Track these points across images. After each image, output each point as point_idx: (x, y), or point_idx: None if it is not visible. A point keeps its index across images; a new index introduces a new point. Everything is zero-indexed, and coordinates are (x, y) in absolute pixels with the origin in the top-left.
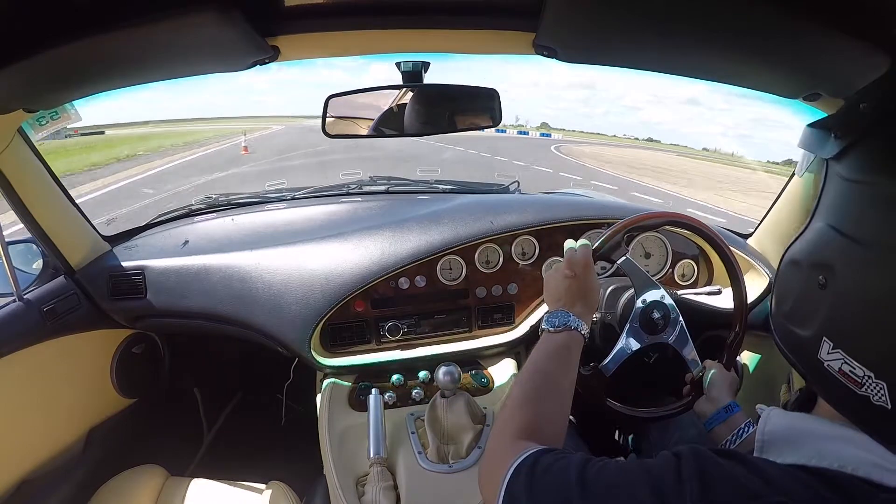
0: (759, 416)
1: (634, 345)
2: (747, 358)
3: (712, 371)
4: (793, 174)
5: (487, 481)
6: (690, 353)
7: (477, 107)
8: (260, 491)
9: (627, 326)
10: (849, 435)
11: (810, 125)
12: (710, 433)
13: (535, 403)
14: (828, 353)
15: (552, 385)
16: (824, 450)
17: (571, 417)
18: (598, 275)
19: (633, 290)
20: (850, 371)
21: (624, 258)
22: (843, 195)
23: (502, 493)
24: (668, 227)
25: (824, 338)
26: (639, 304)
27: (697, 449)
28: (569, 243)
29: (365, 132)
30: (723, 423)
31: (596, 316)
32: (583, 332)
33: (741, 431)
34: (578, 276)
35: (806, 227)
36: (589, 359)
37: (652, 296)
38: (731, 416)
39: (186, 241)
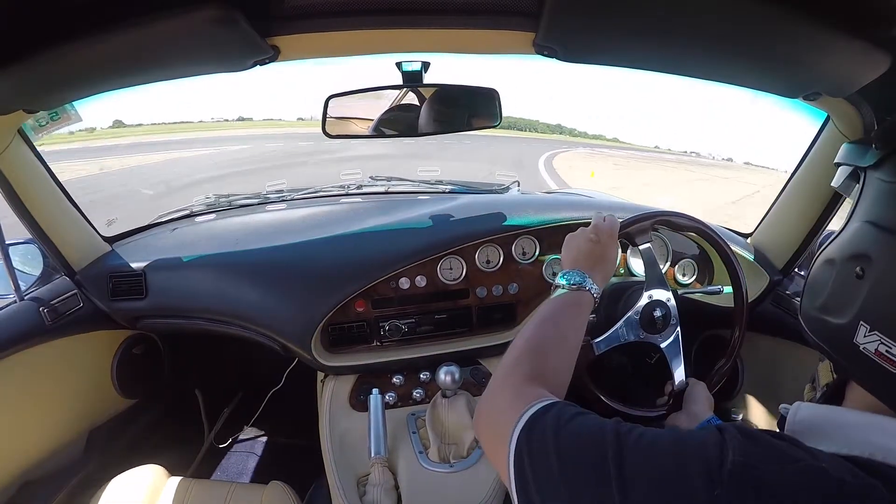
0: (783, 415)
1: (628, 336)
2: (748, 360)
3: (695, 386)
4: (792, 175)
5: (492, 422)
6: (679, 364)
7: (477, 107)
8: (260, 491)
9: (627, 315)
10: (878, 422)
11: (849, 143)
12: None
13: (544, 352)
14: (864, 337)
15: (561, 337)
16: (853, 439)
17: None
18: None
19: (643, 282)
20: (886, 351)
21: (647, 245)
22: (883, 195)
23: (516, 434)
24: (670, 228)
25: (861, 322)
26: (644, 297)
27: (741, 425)
28: (597, 214)
29: (364, 132)
30: None
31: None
32: (595, 295)
33: None
34: (602, 243)
35: (841, 231)
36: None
37: (659, 294)
38: None
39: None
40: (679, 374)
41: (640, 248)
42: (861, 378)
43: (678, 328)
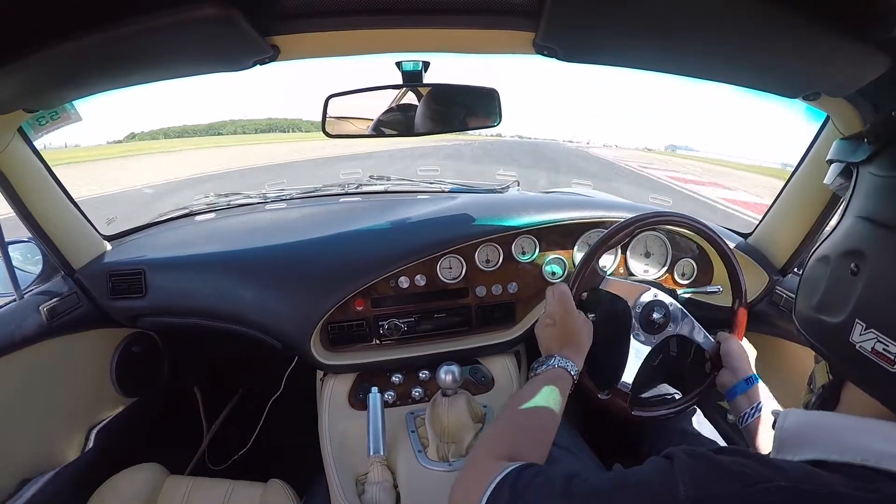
0: (775, 419)
1: (644, 349)
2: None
3: (728, 341)
4: (792, 175)
5: (462, 500)
6: (700, 334)
7: (478, 106)
8: (260, 489)
9: (632, 335)
10: (871, 426)
11: (841, 139)
12: (732, 404)
13: (516, 433)
14: (860, 335)
15: (534, 417)
16: (845, 444)
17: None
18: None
19: (624, 300)
20: (883, 349)
21: (603, 280)
22: (876, 190)
23: None
24: (666, 227)
25: (857, 320)
26: (636, 310)
27: (690, 448)
28: (548, 291)
29: (364, 132)
30: (743, 394)
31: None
32: (570, 370)
33: (759, 406)
34: (559, 322)
35: (834, 229)
36: (603, 384)
37: (645, 297)
38: (751, 388)
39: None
40: (705, 341)
41: (602, 286)
42: (857, 378)
43: (680, 307)
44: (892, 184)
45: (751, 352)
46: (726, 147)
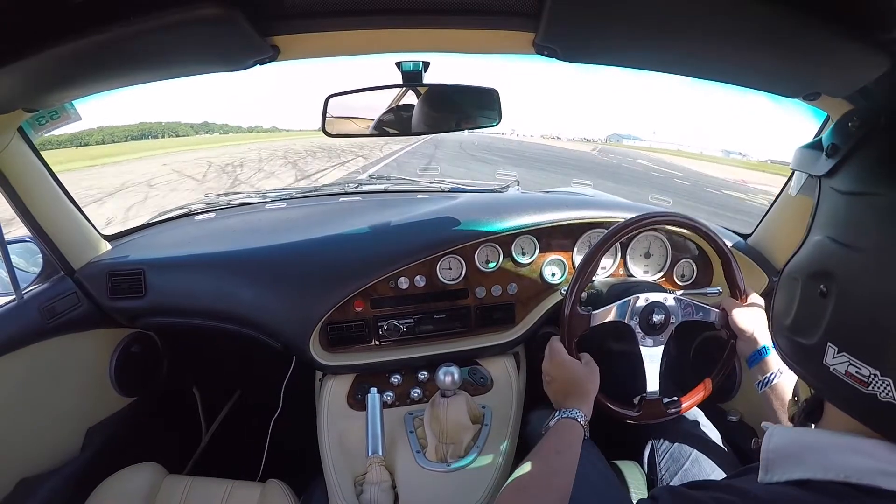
0: (764, 433)
1: (657, 351)
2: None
3: (734, 309)
4: (792, 174)
5: None
6: (704, 313)
7: (478, 106)
8: (258, 489)
9: (640, 345)
10: (854, 443)
11: (803, 147)
12: (751, 372)
13: (531, 487)
14: (833, 358)
15: (548, 466)
16: (829, 462)
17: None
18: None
19: (621, 321)
20: (856, 372)
21: (591, 317)
22: (840, 208)
23: None
24: (667, 228)
25: (829, 343)
26: (633, 321)
27: (672, 488)
28: (547, 348)
29: (365, 131)
30: (756, 365)
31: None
32: (578, 418)
33: (772, 376)
34: (556, 378)
35: (802, 244)
36: (630, 403)
37: (639, 304)
38: (762, 360)
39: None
40: (712, 317)
41: (594, 325)
42: (834, 399)
43: (675, 294)
44: (857, 202)
45: (758, 301)
46: (674, 137)
